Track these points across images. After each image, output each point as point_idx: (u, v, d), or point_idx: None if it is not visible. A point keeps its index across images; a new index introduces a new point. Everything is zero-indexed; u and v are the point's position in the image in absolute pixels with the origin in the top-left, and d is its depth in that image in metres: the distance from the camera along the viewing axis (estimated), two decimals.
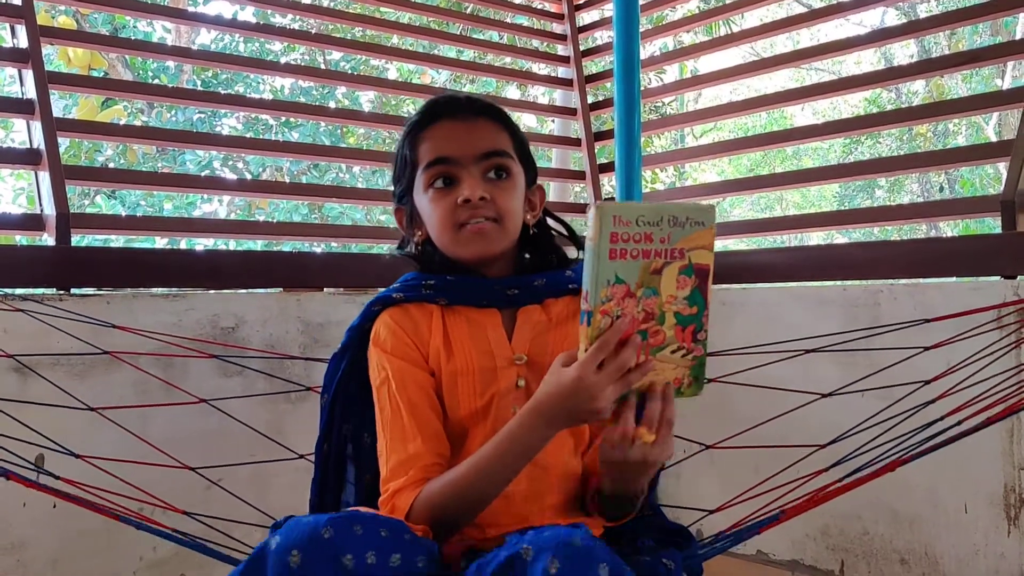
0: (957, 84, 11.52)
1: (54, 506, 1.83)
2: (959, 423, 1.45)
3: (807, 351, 1.80)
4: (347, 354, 1.44)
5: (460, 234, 1.32)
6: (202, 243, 7.64)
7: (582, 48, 3.64)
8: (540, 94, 8.66)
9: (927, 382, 1.63)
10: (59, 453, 1.63)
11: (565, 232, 1.48)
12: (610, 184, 3.18)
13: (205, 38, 9.82)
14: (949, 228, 10.77)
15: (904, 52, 12.49)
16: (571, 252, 1.47)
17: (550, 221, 1.49)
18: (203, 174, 8.38)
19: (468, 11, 5.25)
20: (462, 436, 1.32)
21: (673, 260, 1.06)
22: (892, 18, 11.38)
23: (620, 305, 1.06)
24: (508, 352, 1.34)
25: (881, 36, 3.40)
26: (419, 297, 1.37)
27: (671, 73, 9.15)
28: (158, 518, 1.66)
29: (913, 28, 3.31)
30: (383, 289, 1.41)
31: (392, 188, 1.45)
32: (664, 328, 1.08)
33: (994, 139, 10.61)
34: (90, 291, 2.08)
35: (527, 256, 1.42)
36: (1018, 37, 10.05)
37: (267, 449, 1.92)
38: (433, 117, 1.37)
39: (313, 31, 4.57)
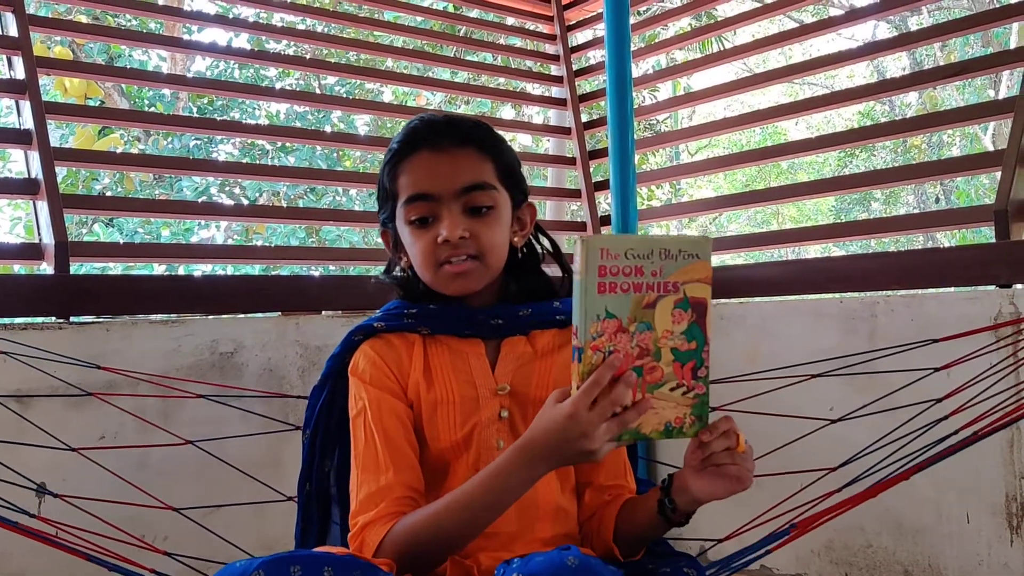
0: (951, 96, 11.58)
1: (55, 533, 1.82)
2: (957, 432, 1.45)
3: (812, 376, 1.77)
4: (328, 385, 1.41)
5: (440, 272, 1.29)
6: (200, 269, 7.65)
7: (575, 68, 3.67)
8: (535, 113, 8.70)
9: (938, 400, 1.61)
10: (57, 481, 1.62)
11: (551, 251, 1.44)
12: (606, 202, 3.19)
13: (200, 65, 9.87)
14: (946, 239, 10.79)
15: (897, 65, 12.56)
16: (555, 271, 1.44)
17: (542, 239, 1.45)
18: (200, 200, 8.40)
19: (461, 33, 5.28)
20: (443, 469, 1.29)
21: (667, 294, 1.03)
22: (884, 31, 11.45)
23: (612, 340, 1.02)
24: (491, 382, 1.30)
25: (873, 49, 3.43)
26: (401, 326, 1.34)
27: (665, 91, 9.20)
28: (160, 544, 1.66)
29: (904, 41, 3.34)
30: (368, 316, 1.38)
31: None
32: (661, 364, 1.04)
33: (991, 149, 10.65)
34: (89, 319, 2.08)
35: (513, 283, 1.38)
36: (1012, 47, 10.11)
37: (265, 478, 1.92)
38: (412, 147, 1.32)
39: (308, 56, 4.60)
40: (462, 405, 1.29)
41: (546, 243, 1.45)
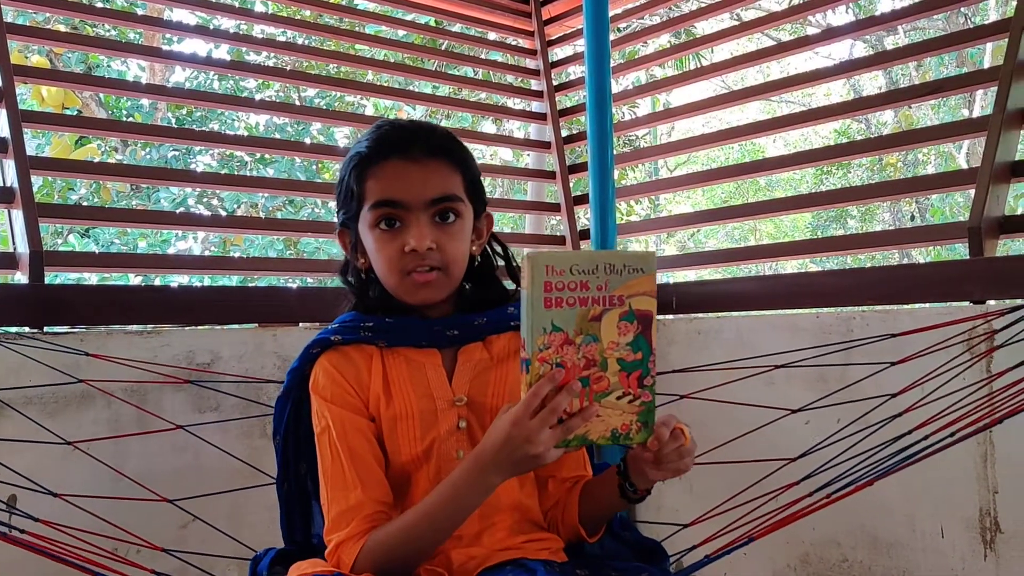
0: (927, 115, 11.71)
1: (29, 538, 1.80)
2: (927, 437, 1.47)
3: (777, 366, 1.82)
4: (291, 397, 1.42)
5: (405, 281, 1.31)
6: (177, 280, 7.60)
7: (555, 83, 3.68)
8: (516, 128, 8.73)
9: (894, 395, 1.66)
10: (33, 492, 1.61)
11: (504, 258, 1.46)
12: (585, 216, 3.20)
13: (180, 76, 9.83)
14: (921, 256, 10.89)
15: (873, 84, 12.70)
16: (508, 284, 1.46)
17: (496, 247, 1.47)
18: (178, 211, 8.35)
19: (443, 47, 5.29)
20: (405, 482, 1.31)
21: (612, 307, 1.07)
22: (860, 50, 11.57)
23: (559, 353, 1.06)
24: (448, 394, 1.33)
25: (849, 68, 3.46)
26: (357, 339, 1.35)
27: (644, 106, 9.25)
28: (133, 557, 1.64)
29: (880, 60, 3.37)
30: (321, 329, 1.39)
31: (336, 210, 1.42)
32: (607, 374, 1.08)
33: (965, 168, 10.76)
34: (63, 329, 2.06)
35: (468, 291, 1.41)
36: (986, 67, 10.24)
37: (243, 483, 1.91)
38: (382, 153, 1.32)
39: (288, 68, 4.59)
40: (421, 419, 1.31)
41: (499, 251, 1.47)
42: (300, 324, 2.37)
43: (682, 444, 1.16)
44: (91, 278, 6.93)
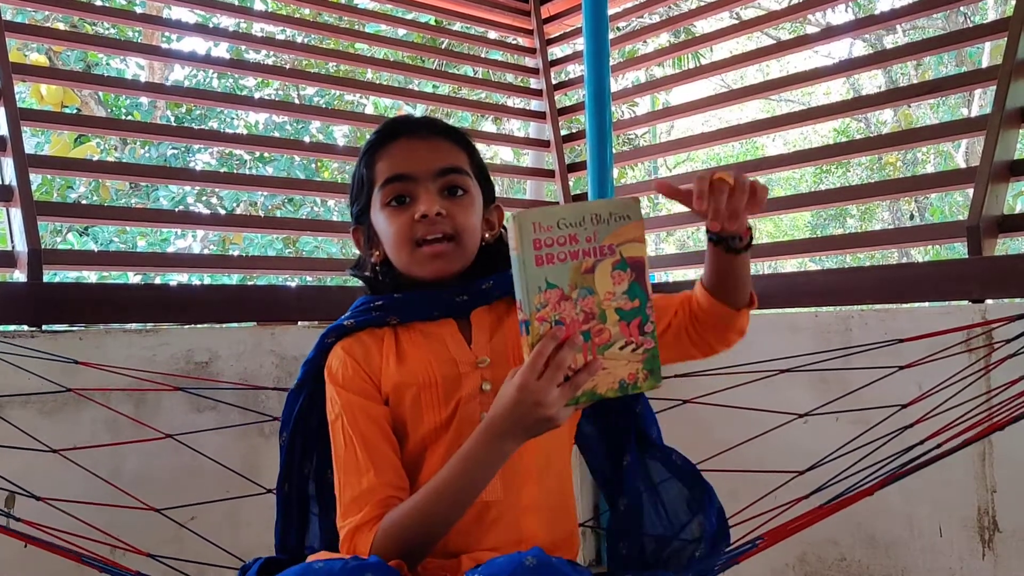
0: (926, 114, 11.71)
1: (24, 546, 1.80)
2: (935, 447, 1.46)
3: (781, 371, 1.81)
4: (304, 390, 1.42)
5: (417, 252, 1.31)
6: (176, 279, 7.59)
7: (554, 82, 3.68)
8: (516, 128, 8.72)
9: (903, 406, 1.65)
10: (28, 495, 1.60)
11: None
12: None
13: (179, 74, 9.82)
14: (920, 255, 10.90)
15: (872, 83, 12.70)
16: None
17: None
18: (177, 209, 8.34)
19: (443, 46, 5.29)
20: (423, 453, 1.30)
21: (604, 257, 1.06)
22: (860, 49, 11.58)
23: (557, 309, 1.05)
24: (470, 356, 1.32)
25: (848, 67, 3.46)
26: (370, 321, 1.35)
27: (643, 105, 9.25)
28: (128, 562, 1.64)
29: (879, 59, 3.37)
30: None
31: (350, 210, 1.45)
32: (608, 326, 1.07)
33: (963, 167, 10.75)
34: (62, 327, 2.06)
35: (473, 262, 1.39)
36: (984, 66, 10.23)
37: (240, 486, 1.91)
38: (390, 136, 1.37)
39: (287, 67, 4.59)
40: (444, 385, 1.30)
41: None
42: (299, 323, 2.37)
43: (730, 192, 1.14)
44: (90, 276, 6.91)
